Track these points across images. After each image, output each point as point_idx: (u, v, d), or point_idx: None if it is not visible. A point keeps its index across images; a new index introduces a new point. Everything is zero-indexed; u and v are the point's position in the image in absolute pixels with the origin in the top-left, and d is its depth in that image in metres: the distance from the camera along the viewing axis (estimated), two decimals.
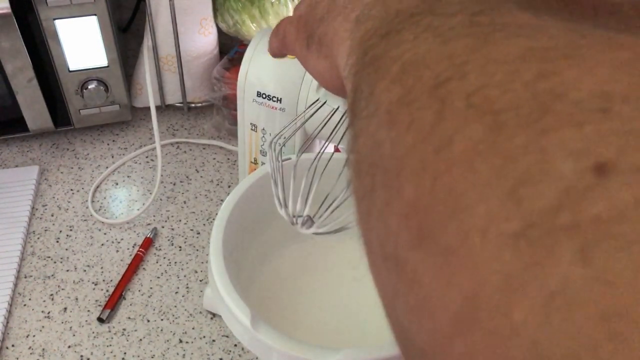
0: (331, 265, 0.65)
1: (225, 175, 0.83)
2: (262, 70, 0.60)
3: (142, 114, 0.91)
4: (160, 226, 0.76)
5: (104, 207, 0.78)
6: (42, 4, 0.70)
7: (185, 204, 0.79)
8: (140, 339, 0.64)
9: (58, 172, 0.83)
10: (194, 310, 0.66)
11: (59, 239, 0.74)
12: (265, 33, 0.62)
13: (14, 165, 0.83)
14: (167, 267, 0.71)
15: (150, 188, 0.81)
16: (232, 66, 0.84)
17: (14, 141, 0.87)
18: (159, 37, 0.83)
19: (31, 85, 0.76)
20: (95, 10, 0.73)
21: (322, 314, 0.61)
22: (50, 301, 0.67)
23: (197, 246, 0.74)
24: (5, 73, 0.74)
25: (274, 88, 0.60)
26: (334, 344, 0.48)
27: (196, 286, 0.69)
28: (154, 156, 0.86)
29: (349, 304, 0.61)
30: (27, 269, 0.70)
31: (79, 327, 0.65)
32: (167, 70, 0.87)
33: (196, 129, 0.91)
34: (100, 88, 0.79)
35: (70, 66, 0.77)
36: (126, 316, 0.66)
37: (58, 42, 0.74)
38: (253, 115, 0.63)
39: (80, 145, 0.87)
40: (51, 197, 0.79)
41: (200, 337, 0.64)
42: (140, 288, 0.69)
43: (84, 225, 0.75)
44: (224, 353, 0.63)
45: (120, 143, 0.87)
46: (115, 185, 0.81)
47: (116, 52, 0.77)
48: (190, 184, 0.82)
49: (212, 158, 0.86)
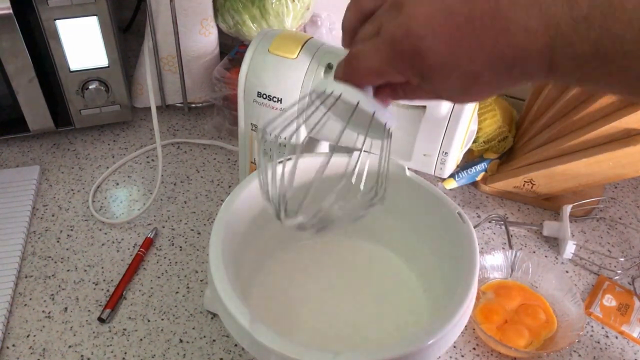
0: (330, 267, 0.65)
1: (226, 176, 0.84)
2: (263, 71, 0.61)
3: (142, 114, 0.91)
4: (161, 226, 0.76)
5: (104, 207, 0.78)
6: (43, 4, 0.70)
7: (185, 204, 0.79)
8: (141, 339, 0.64)
9: (59, 172, 0.83)
10: (194, 310, 0.67)
11: (59, 238, 0.74)
12: (266, 33, 0.62)
13: (14, 165, 0.83)
14: (167, 267, 0.71)
15: (151, 188, 0.81)
16: (233, 66, 0.84)
17: (15, 141, 0.87)
18: (159, 37, 0.83)
19: (32, 86, 0.76)
20: (96, 10, 0.73)
21: (321, 317, 0.61)
22: (50, 301, 0.67)
23: (197, 246, 0.74)
24: (6, 73, 0.74)
25: (275, 88, 0.60)
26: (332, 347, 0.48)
27: (196, 286, 0.69)
28: (154, 156, 0.86)
29: (347, 307, 0.61)
30: (27, 268, 0.70)
31: (80, 327, 0.65)
32: (168, 70, 0.87)
33: (197, 129, 0.91)
34: (100, 88, 0.79)
35: (71, 66, 0.77)
36: (127, 316, 0.66)
37: (59, 42, 0.74)
38: (253, 116, 0.63)
39: (81, 145, 0.87)
40: (52, 197, 0.79)
41: (200, 337, 0.64)
42: (141, 288, 0.69)
43: (84, 225, 0.76)
44: (225, 353, 0.63)
45: (120, 143, 0.87)
46: (116, 185, 0.82)
47: (117, 52, 0.77)
48: (190, 184, 0.82)
49: (213, 158, 0.86)
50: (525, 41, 0.30)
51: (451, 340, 0.49)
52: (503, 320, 0.65)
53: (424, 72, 0.35)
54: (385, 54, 0.35)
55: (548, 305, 0.67)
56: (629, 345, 0.66)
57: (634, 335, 0.66)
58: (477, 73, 0.33)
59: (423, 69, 0.34)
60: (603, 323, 0.68)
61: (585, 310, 0.68)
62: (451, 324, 0.47)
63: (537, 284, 0.69)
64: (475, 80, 0.33)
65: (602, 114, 0.74)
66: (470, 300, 0.49)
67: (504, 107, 0.84)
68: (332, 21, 0.90)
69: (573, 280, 0.73)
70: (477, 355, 0.64)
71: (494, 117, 0.81)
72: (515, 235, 0.77)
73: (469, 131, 0.57)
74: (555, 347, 0.62)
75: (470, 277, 0.50)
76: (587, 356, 0.65)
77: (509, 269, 0.70)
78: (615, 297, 0.70)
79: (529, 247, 0.76)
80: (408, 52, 0.34)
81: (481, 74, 0.33)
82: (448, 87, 0.35)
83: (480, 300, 0.67)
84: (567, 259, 0.75)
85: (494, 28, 0.31)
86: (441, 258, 0.59)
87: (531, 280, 0.69)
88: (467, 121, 0.55)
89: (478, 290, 0.65)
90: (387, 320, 0.60)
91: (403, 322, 0.58)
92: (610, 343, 0.66)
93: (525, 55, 0.31)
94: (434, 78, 0.35)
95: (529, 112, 0.83)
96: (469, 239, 0.53)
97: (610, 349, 0.65)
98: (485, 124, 0.81)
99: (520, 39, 0.30)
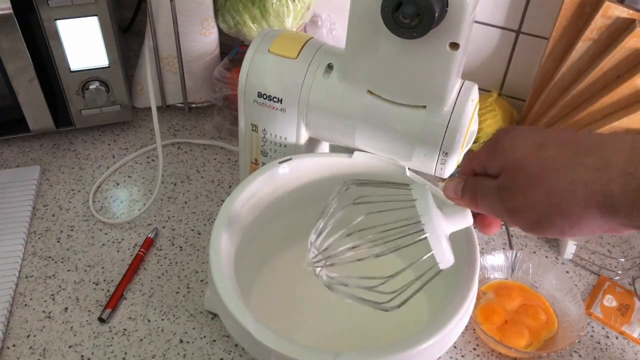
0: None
1: (226, 176, 0.84)
2: (263, 71, 0.61)
3: (143, 114, 0.91)
4: (161, 226, 0.76)
5: (104, 207, 0.78)
6: (44, 5, 0.70)
7: (186, 204, 0.79)
8: (141, 339, 0.64)
9: (59, 172, 0.83)
10: (194, 311, 0.67)
11: (60, 239, 0.74)
12: (266, 34, 0.62)
13: (15, 166, 0.83)
14: (167, 267, 0.71)
15: (151, 188, 0.81)
16: (233, 67, 0.84)
17: (15, 141, 0.87)
18: (160, 37, 0.83)
19: (32, 86, 0.76)
20: (96, 10, 0.73)
21: (321, 317, 0.61)
22: (51, 301, 0.67)
23: (197, 246, 0.74)
24: (6, 73, 0.74)
25: (275, 89, 0.60)
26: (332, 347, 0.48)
27: (197, 286, 0.69)
28: (154, 156, 0.86)
29: (348, 308, 0.61)
30: (28, 269, 0.70)
31: (80, 327, 0.65)
32: (168, 70, 0.87)
33: (197, 129, 0.91)
34: (101, 88, 0.79)
35: (71, 66, 0.77)
36: (127, 316, 0.66)
37: (59, 43, 0.74)
38: (254, 116, 0.63)
39: (81, 145, 0.87)
40: (52, 197, 0.79)
41: (200, 337, 0.64)
42: (141, 288, 0.69)
43: (84, 225, 0.76)
44: (225, 353, 0.63)
45: (121, 143, 0.87)
46: (116, 186, 0.82)
47: (117, 52, 0.77)
48: (191, 184, 0.82)
49: (213, 158, 0.86)
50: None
51: (451, 340, 0.49)
52: (503, 320, 0.65)
53: (539, 234, 0.42)
54: (505, 214, 0.42)
55: (548, 305, 0.67)
56: (630, 345, 0.66)
57: (634, 336, 0.66)
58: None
59: (541, 234, 0.41)
60: (603, 323, 0.68)
61: (586, 311, 0.68)
62: (451, 324, 0.47)
63: (537, 284, 0.69)
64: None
65: (602, 114, 0.74)
66: (470, 301, 0.49)
67: (505, 108, 0.84)
68: (332, 21, 0.90)
69: (573, 280, 0.72)
70: (477, 356, 0.64)
71: (495, 117, 0.81)
72: (516, 235, 0.77)
73: (470, 131, 0.57)
74: (556, 348, 0.62)
75: (471, 278, 0.50)
76: (587, 356, 0.65)
77: (510, 269, 0.70)
78: (616, 298, 0.70)
79: (529, 248, 0.76)
80: (532, 224, 0.41)
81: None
82: (553, 233, 0.41)
83: (480, 301, 0.67)
84: (568, 259, 0.75)
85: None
86: None
87: (531, 281, 0.69)
88: (468, 121, 0.55)
89: (478, 290, 0.65)
90: (387, 320, 0.60)
91: (403, 322, 0.58)
92: (610, 343, 0.66)
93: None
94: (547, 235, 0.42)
95: (529, 112, 0.83)
96: (470, 239, 0.53)
97: (610, 349, 0.65)
98: (485, 124, 0.81)
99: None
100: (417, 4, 0.47)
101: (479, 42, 0.86)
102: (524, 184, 0.40)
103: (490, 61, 0.88)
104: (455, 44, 0.51)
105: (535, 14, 0.81)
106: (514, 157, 0.41)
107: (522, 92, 0.89)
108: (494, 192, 0.42)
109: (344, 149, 0.63)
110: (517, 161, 0.41)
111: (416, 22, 0.48)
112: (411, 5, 0.47)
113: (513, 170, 0.41)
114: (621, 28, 0.70)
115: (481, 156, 0.44)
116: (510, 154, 0.41)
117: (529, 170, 0.40)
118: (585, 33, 0.72)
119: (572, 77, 0.76)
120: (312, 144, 0.66)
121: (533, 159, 0.40)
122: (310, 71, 0.59)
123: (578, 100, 0.76)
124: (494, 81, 0.90)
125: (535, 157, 0.40)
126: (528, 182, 0.39)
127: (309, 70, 0.59)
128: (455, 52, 0.51)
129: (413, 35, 0.49)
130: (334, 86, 0.59)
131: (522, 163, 0.40)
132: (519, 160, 0.40)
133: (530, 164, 0.40)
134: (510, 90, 0.90)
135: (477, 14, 0.79)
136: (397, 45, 0.52)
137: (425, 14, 0.47)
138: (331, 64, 0.59)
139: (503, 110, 0.83)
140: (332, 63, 0.59)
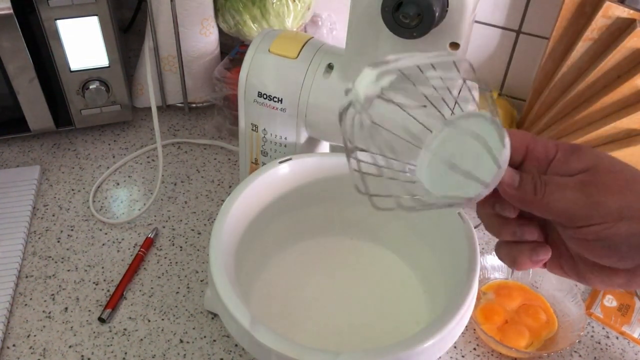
0: (331, 267, 0.65)
1: (226, 176, 0.84)
2: (263, 71, 0.61)
3: (143, 114, 0.91)
4: (161, 226, 0.76)
5: (105, 207, 0.78)
6: (44, 4, 0.70)
7: (186, 204, 0.79)
8: (141, 339, 0.64)
9: (59, 172, 0.83)
10: (194, 310, 0.67)
11: (60, 238, 0.74)
12: (267, 33, 0.62)
13: (15, 165, 0.83)
14: (168, 267, 0.71)
15: (151, 188, 0.81)
16: (233, 66, 0.84)
17: (15, 141, 0.87)
18: (160, 37, 0.83)
19: (32, 86, 0.76)
20: (96, 10, 0.73)
21: (321, 316, 0.61)
22: (51, 301, 0.67)
23: (197, 246, 0.74)
24: (6, 73, 0.74)
25: (275, 88, 0.60)
26: (332, 347, 0.48)
27: (197, 286, 0.69)
28: (155, 156, 0.86)
29: (347, 307, 0.61)
30: (28, 268, 0.70)
31: (80, 327, 0.65)
32: (168, 70, 0.87)
33: (197, 129, 0.91)
34: (101, 88, 0.79)
35: (71, 66, 0.77)
36: (127, 316, 0.66)
37: (59, 42, 0.74)
38: (254, 116, 0.63)
39: (82, 145, 0.87)
40: (52, 197, 0.79)
41: (201, 337, 0.64)
42: (141, 288, 0.69)
43: (85, 225, 0.76)
44: (225, 353, 0.63)
45: (121, 143, 0.87)
46: (116, 185, 0.82)
47: (117, 52, 0.77)
48: (191, 184, 0.82)
49: (213, 158, 0.86)
50: None
51: (451, 340, 0.49)
52: (503, 320, 0.65)
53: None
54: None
55: (549, 305, 0.67)
56: (630, 345, 0.66)
57: (634, 336, 0.66)
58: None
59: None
60: (604, 323, 0.68)
61: (586, 311, 0.68)
62: (451, 324, 0.47)
63: (537, 284, 0.69)
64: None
65: (602, 114, 0.74)
66: (470, 301, 0.49)
67: (505, 108, 0.84)
68: (332, 21, 0.90)
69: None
70: (477, 356, 0.64)
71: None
72: None
73: None
74: (556, 348, 0.62)
75: (471, 278, 0.50)
76: (587, 357, 0.65)
77: (510, 269, 0.70)
78: (616, 298, 0.70)
79: None
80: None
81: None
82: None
83: (480, 301, 0.67)
84: None
85: None
86: (442, 258, 0.59)
87: (532, 281, 0.69)
88: None
89: (478, 290, 0.65)
90: (387, 320, 0.60)
91: (403, 322, 0.58)
92: (611, 344, 0.66)
93: None
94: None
95: (529, 112, 0.83)
96: (470, 239, 0.53)
97: (611, 349, 0.65)
98: None
99: None
100: (417, 4, 0.47)
101: (479, 42, 0.86)
102: (621, 184, 0.38)
103: (490, 61, 0.88)
104: (456, 44, 0.51)
105: (535, 14, 0.82)
106: (608, 158, 0.39)
107: (522, 92, 0.89)
108: (575, 186, 0.39)
109: (344, 148, 0.63)
110: (612, 163, 0.39)
111: (416, 22, 0.48)
112: (411, 5, 0.47)
113: (605, 170, 0.39)
114: (621, 28, 0.70)
115: (551, 147, 0.41)
116: (600, 154, 0.39)
117: (626, 174, 0.38)
118: (586, 33, 0.72)
119: (573, 77, 0.76)
120: (312, 143, 0.66)
121: (625, 166, 0.39)
122: (310, 71, 0.59)
123: (578, 100, 0.76)
124: (494, 81, 0.90)
125: (626, 165, 0.39)
126: (626, 184, 0.38)
127: (309, 70, 0.59)
128: (455, 52, 0.51)
129: (413, 35, 0.49)
130: (334, 86, 0.59)
131: (616, 167, 0.39)
132: (613, 163, 0.39)
133: (625, 169, 0.39)
134: (510, 90, 0.90)
135: (477, 14, 0.79)
136: (398, 45, 0.52)
137: (426, 14, 0.47)
138: (331, 64, 0.59)
139: (503, 110, 0.83)
140: (332, 63, 0.59)
